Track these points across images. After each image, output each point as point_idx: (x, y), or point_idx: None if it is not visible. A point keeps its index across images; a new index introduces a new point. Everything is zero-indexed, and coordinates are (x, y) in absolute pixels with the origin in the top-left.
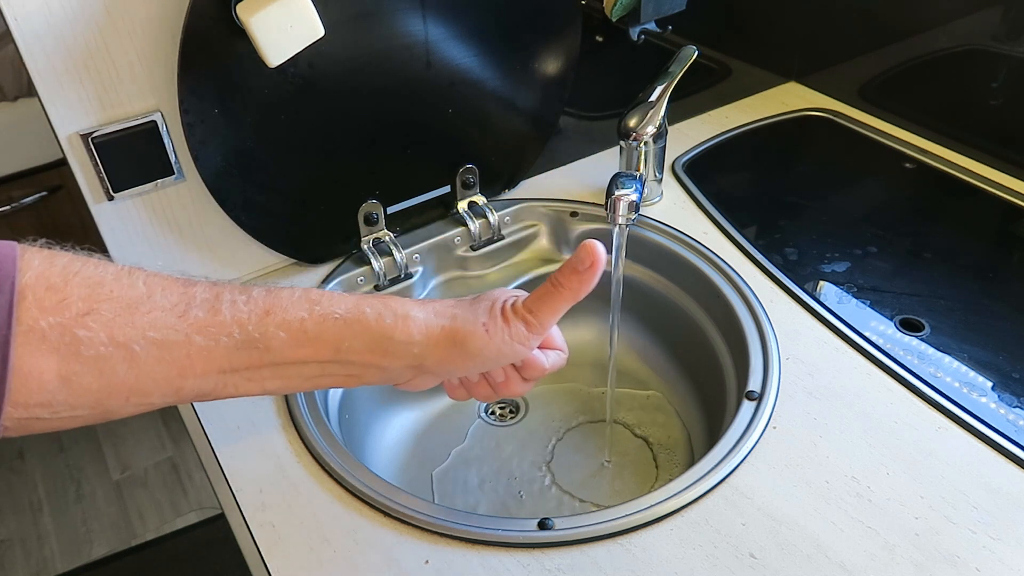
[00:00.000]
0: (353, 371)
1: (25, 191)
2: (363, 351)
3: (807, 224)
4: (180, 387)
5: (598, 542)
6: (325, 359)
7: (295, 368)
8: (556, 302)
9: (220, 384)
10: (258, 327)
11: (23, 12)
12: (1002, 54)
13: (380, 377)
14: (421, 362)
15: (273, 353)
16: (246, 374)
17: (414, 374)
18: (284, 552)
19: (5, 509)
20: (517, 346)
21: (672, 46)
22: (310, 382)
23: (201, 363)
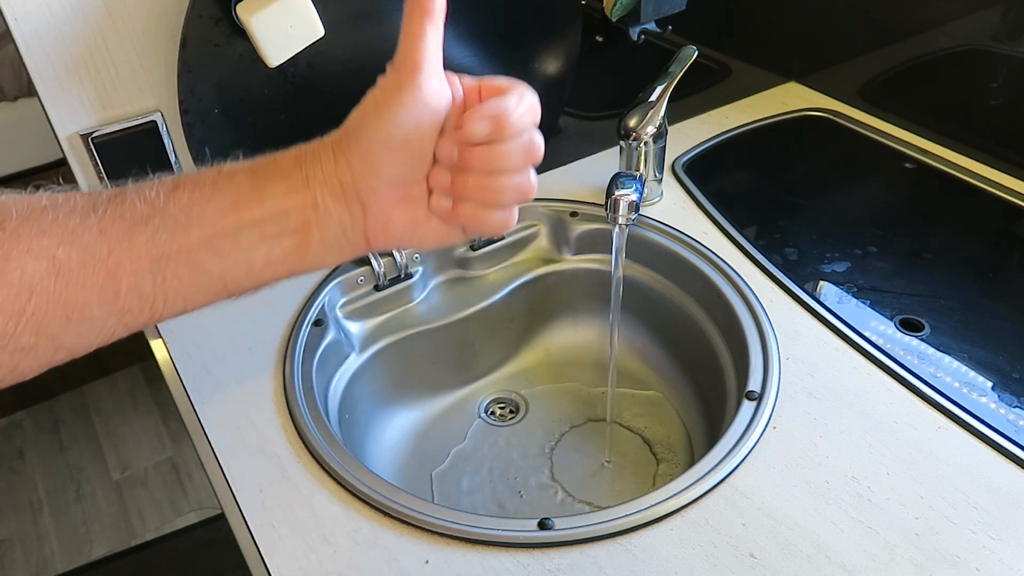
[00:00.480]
0: (289, 225)
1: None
2: (283, 191)
3: (807, 224)
4: (116, 290)
5: (598, 542)
6: (255, 217)
7: (229, 241)
8: (409, 27)
9: (159, 278)
10: (169, 201)
11: (23, 12)
12: (1002, 54)
13: (326, 224)
14: (341, 180)
15: (196, 225)
16: (180, 259)
17: (358, 206)
18: (284, 552)
19: (5, 509)
20: (393, 92)
21: (672, 46)
22: (257, 256)
23: (126, 256)
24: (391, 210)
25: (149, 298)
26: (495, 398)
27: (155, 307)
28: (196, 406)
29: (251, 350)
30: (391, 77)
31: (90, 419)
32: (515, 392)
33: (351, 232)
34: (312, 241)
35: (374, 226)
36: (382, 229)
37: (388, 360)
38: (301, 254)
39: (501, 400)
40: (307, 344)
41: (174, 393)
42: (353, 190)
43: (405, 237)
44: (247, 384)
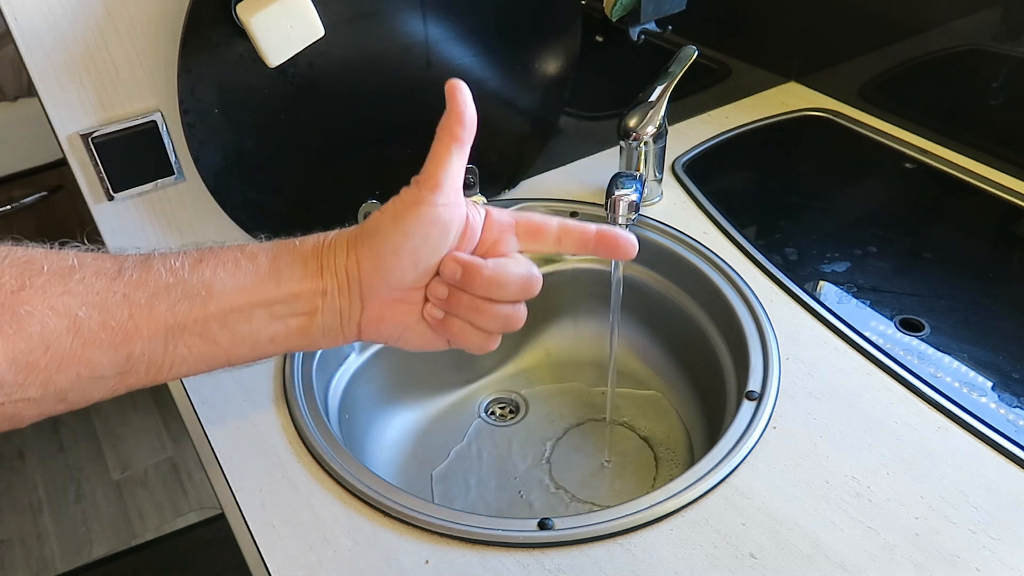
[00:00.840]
0: (299, 308)
1: (25, 191)
2: (300, 277)
3: (807, 224)
4: (130, 353)
5: (598, 542)
6: (269, 298)
7: (242, 317)
8: (438, 149)
9: (171, 346)
10: (193, 273)
11: (23, 12)
12: (1002, 54)
13: (329, 312)
14: (348, 274)
15: (215, 299)
16: (194, 329)
17: (358, 300)
18: (284, 552)
19: (5, 509)
20: (411, 207)
21: (672, 46)
22: (264, 334)
23: (145, 322)
24: (387, 309)
25: (157, 363)
26: (495, 398)
27: (160, 372)
28: (196, 406)
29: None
30: (412, 190)
31: (90, 419)
32: (515, 392)
33: (347, 322)
34: (315, 325)
35: (368, 320)
36: (375, 324)
37: (388, 360)
38: (302, 336)
39: (501, 400)
40: None
41: (174, 393)
42: (357, 285)
43: (394, 335)
44: (247, 384)
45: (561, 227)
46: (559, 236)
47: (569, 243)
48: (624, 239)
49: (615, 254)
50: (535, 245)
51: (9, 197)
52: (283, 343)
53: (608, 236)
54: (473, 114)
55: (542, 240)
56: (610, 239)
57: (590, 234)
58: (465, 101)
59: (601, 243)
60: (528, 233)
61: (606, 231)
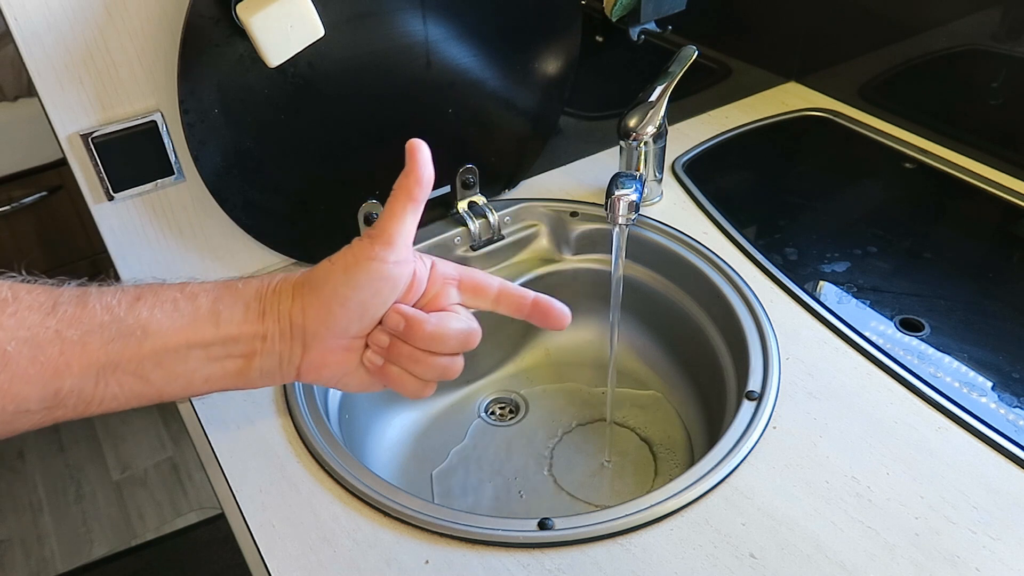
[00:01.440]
0: (236, 350)
1: (25, 191)
2: (240, 321)
3: (807, 224)
4: (58, 388)
5: (598, 542)
6: (206, 340)
7: (178, 357)
8: (393, 206)
9: (102, 383)
10: (130, 312)
11: (23, 12)
12: (1002, 54)
13: (268, 355)
14: (292, 320)
15: (151, 339)
16: (127, 368)
17: (299, 346)
18: (284, 552)
19: (5, 509)
20: (363, 262)
21: (672, 46)
22: (199, 374)
23: (76, 359)
24: (329, 355)
25: (87, 399)
26: (495, 398)
27: (89, 407)
28: (196, 406)
29: None
30: (365, 245)
31: (90, 419)
32: (515, 392)
33: (287, 366)
34: (252, 368)
35: (308, 365)
36: (315, 370)
37: None
38: (238, 377)
39: (501, 400)
40: None
41: None
42: (301, 332)
43: (333, 380)
44: None
45: (500, 290)
46: (497, 298)
47: (506, 306)
48: (558, 310)
49: (547, 323)
50: (475, 302)
51: (9, 197)
52: (218, 383)
53: (542, 305)
54: (431, 174)
55: (482, 298)
56: (544, 308)
57: (526, 301)
58: (424, 162)
59: (535, 311)
60: (470, 289)
61: (541, 301)
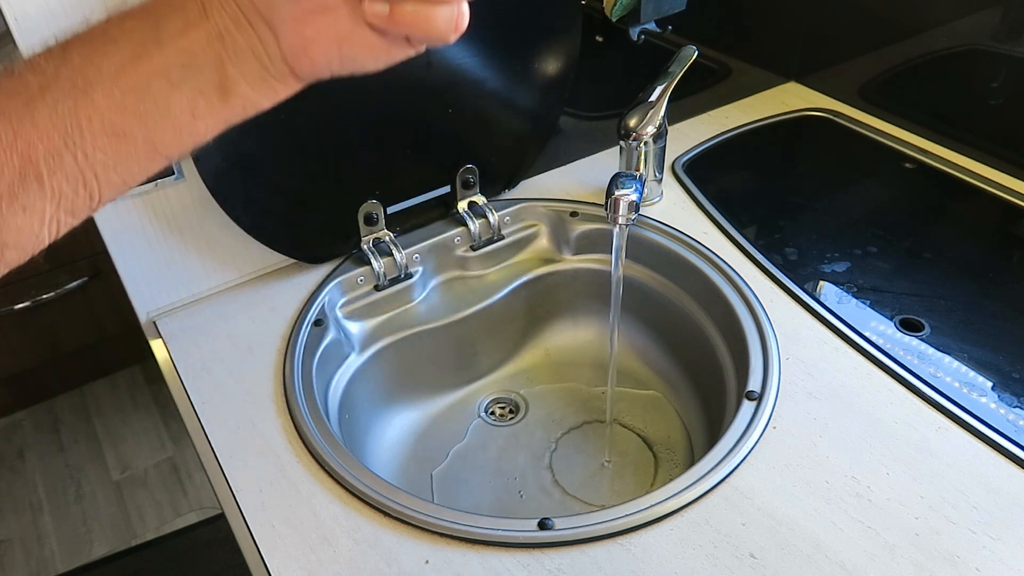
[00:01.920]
0: (198, 63)
1: None
2: (182, 27)
3: (807, 224)
4: (38, 174)
5: (598, 542)
6: (157, 64)
7: (139, 96)
8: None
9: (80, 154)
10: (63, 66)
11: (23, 12)
12: (1002, 54)
13: (237, 56)
14: (237, 1)
15: (97, 87)
16: (95, 128)
17: (265, 29)
18: (284, 552)
19: (5, 509)
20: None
21: (672, 46)
22: (178, 108)
23: (34, 135)
24: (305, 27)
25: (78, 178)
26: (495, 398)
27: (89, 186)
28: (196, 406)
29: (251, 350)
30: None
31: (90, 419)
32: (515, 392)
33: (268, 61)
34: (230, 79)
35: (291, 49)
36: (301, 51)
37: (388, 360)
38: (224, 96)
39: (501, 400)
40: (307, 344)
41: (174, 393)
42: (253, 10)
43: (333, 59)
44: (247, 384)
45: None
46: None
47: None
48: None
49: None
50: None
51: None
52: (209, 114)
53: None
54: None
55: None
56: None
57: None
58: None
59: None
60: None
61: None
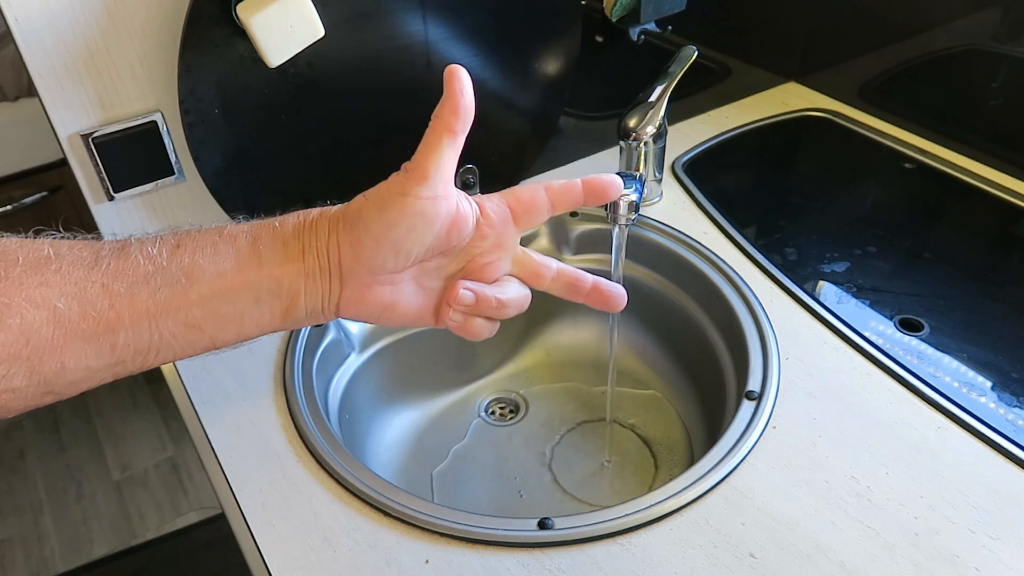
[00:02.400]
0: (283, 290)
1: (25, 191)
2: (281, 260)
3: (807, 224)
4: (113, 343)
5: (598, 542)
6: (250, 281)
7: (225, 301)
8: (429, 139)
9: (155, 334)
10: (172, 260)
11: (23, 12)
12: (1002, 54)
13: (312, 294)
14: (329, 256)
15: (196, 284)
16: (177, 316)
17: (337, 282)
18: (284, 552)
19: (5, 509)
20: (396, 197)
21: (672, 46)
22: (249, 318)
23: (126, 311)
24: (366, 291)
25: (143, 352)
26: (495, 398)
27: (147, 360)
28: (196, 406)
29: (251, 350)
30: (400, 180)
31: (90, 419)
32: (515, 392)
33: (327, 304)
34: (298, 308)
35: (347, 301)
36: (353, 305)
37: (388, 360)
38: (285, 318)
39: (501, 400)
40: (307, 344)
41: (174, 393)
42: (337, 268)
43: (373, 315)
44: (247, 384)
45: (559, 270)
46: (556, 277)
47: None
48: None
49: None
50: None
51: (9, 197)
52: (268, 327)
53: (602, 290)
54: (471, 103)
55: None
56: (603, 293)
57: (585, 285)
58: (463, 89)
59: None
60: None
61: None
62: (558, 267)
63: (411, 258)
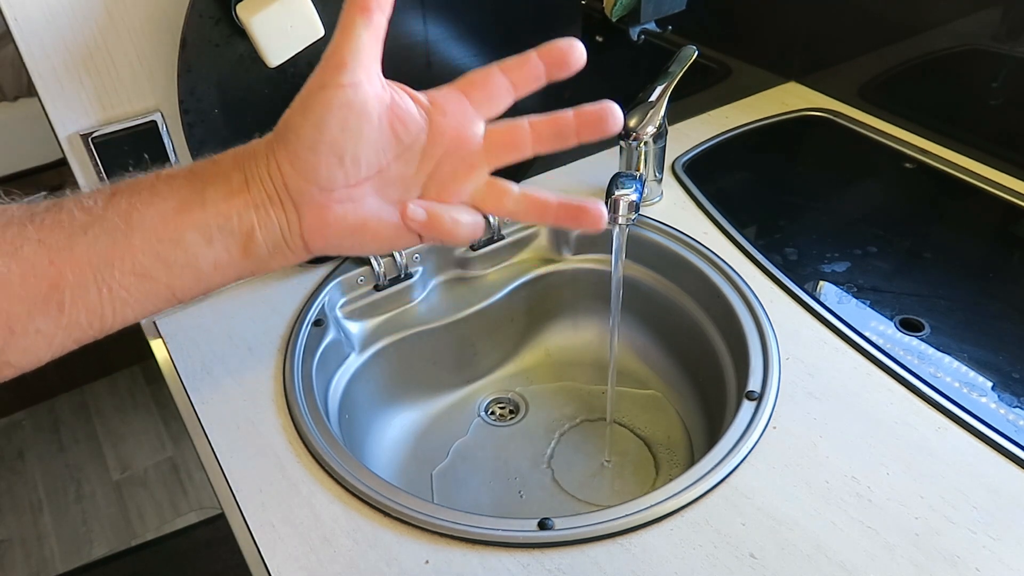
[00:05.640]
0: (232, 227)
1: (25, 191)
2: (226, 193)
3: (807, 224)
4: (60, 302)
5: (598, 542)
6: (196, 221)
7: (173, 246)
8: (342, 21)
9: (104, 288)
10: (108, 208)
11: (23, 12)
12: (1002, 54)
13: (267, 227)
14: (273, 181)
15: (137, 230)
16: (125, 268)
17: (292, 209)
18: (284, 552)
19: (5, 509)
20: (315, 92)
21: (672, 46)
22: (204, 261)
23: (67, 266)
24: (326, 213)
25: (96, 310)
26: (495, 398)
27: (104, 319)
28: (196, 406)
29: (251, 350)
30: (316, 74)
31: (90, 419)
32: (515, 392)
33: (289, 235)
34: (256, 244)
35: (309, 229)
36: (318, 232)
37: (388, 360)
38: (247, 257)
39: (501, 400)
40: (307, 344)
41: (174, 393)
42: (285, 192)
43: (344, 242)
44: (247, 384)
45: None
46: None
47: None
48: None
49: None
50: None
51: (9, 197)
52: (229, 269)
53: (571, 207)
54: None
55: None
56: (573, 210)
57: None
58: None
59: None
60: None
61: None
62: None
63: (359, 164)
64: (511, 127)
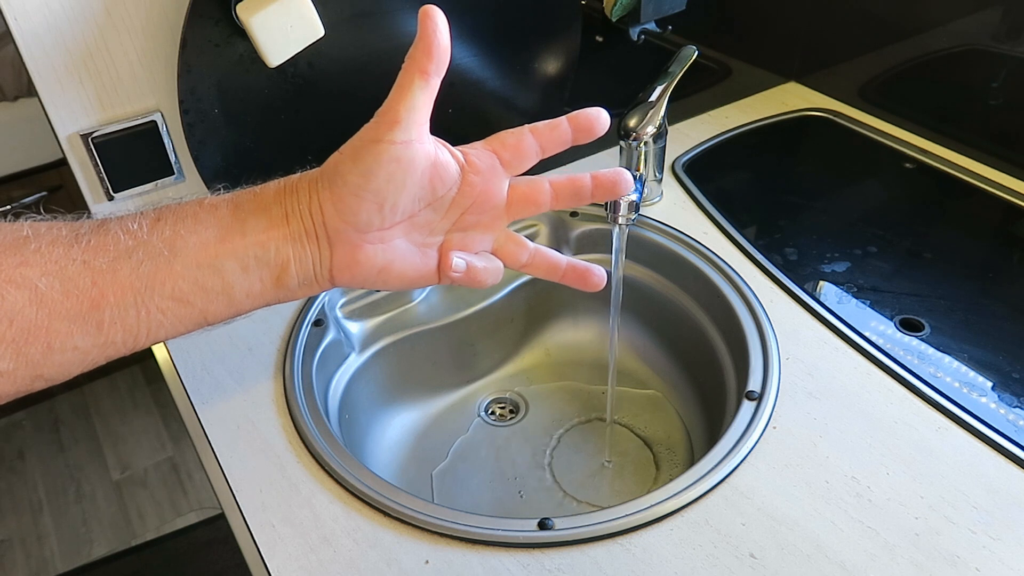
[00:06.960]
0: (270, 258)
1: (25, 191)
2: (266, 226)
3: (807, 224)
4: (99, 321)
5: (598, 542)
6: (236, 250)
7: (212, 273)
8: (401, 81)
9: (143, 310)
10: (153, 233)
11: (23, 12)
12: (1002, 54)
13: (301, 260)
14: (313, 218)
15: (180, 256)
16: (164, 291)
17: (326, 246)
18: (284, 552)
19: (5, 509)
20: (369, 145)
21: (672, 46)
22: (238, 290)
23: (109, 287)
24: (357, 252)
25: (132, 330)
26: (495, 398)
27: (137, 339)
28: (196, 406)
29: (251, 350)
30: (371, 127)
31: (90, 419)
32: (515, 392)
33: (320, 269)
34: (289, 276)
35: (339, 265)
36: (346, 270)
37: (388, 360)
38: (278, 288)
39: (501, 400)
40: (307, 344)
41: (174, 393)
42: (323, 229)
43: (368, 280)
44: (247, 384)
45: (536, 250)
46: (532, 256)
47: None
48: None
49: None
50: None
51: (9, 197)
52: (260, 298)
53: (579, 269)
54: (445, 45)
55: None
56: (580, 272)
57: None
58: (437, 30)
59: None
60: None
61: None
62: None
63: (396, 211)
64: (533, 187)
